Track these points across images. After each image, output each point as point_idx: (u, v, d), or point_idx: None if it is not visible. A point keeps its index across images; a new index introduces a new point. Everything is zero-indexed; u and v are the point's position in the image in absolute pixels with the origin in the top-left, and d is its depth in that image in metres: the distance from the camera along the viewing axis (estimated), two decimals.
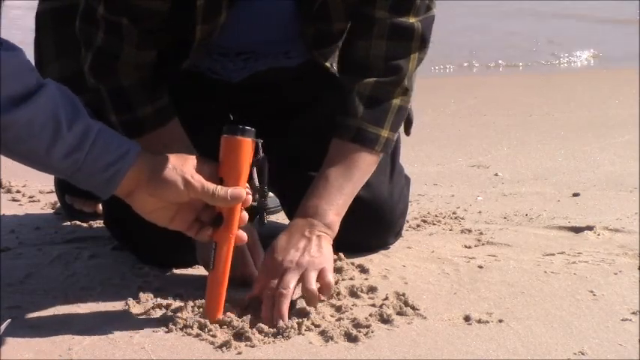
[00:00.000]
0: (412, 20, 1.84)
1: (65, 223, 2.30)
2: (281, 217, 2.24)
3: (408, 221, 2.13)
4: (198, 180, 1.54)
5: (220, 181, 1.57)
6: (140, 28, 1.77)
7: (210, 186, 1.54)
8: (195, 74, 1.97)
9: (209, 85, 2.00)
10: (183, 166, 1.55)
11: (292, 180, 1.93)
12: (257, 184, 1.60)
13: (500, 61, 5.40)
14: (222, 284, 1.59)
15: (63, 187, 2.32)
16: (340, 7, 1.88)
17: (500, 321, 1.63)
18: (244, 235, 1.62)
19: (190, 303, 1.67)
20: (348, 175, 1.79)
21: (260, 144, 1.60)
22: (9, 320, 1.58)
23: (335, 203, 1.76)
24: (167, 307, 1.67)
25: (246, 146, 1.58)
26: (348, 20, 1.92)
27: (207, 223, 1.59)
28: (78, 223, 2.28)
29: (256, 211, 1.68)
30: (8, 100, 1.42)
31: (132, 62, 1.79)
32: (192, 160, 1.57)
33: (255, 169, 1.60)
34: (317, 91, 2.04)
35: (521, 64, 5.46)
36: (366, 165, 1.81)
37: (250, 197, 1.60)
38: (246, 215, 1.62)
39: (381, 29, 1.84)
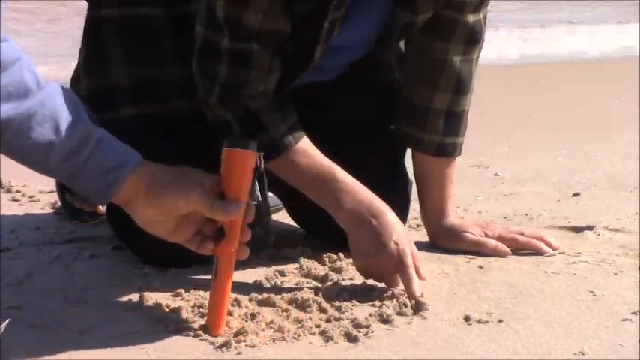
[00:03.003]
0: (480, 16, 1.98)
1: (65, 223, 2.30)
2: (281, 216, 2.24)
3: (408, 221, 2.13)
4: (197, 192, 1.51)
5: (221, 195, 1.53)
6: (269, 51, 1.75)
7: (209, 199, 1.51)
8: None
9: None
10: (183, 178, 1.52)
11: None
12: (259, 197, 1.55)
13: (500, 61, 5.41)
14: (223, 298, 1.56)
15: (63, 186, 2.32)
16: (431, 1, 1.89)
17: (500, 321, 1.63)
18: (246, 250, 1.57)
19: (191, 303, 1.68)
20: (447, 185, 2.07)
21: (261, 157, 1.55)
22: (9, 320, 1.58)
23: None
24: (167, 307, 1.67)
25: (248, 159, 1.53)
26: (431, 11, 1.90)
27: (210, 237, 1.56)
28: (78, 222, 2.28)
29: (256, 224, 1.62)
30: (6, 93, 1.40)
31: (259, 89, 1.77)
32: (193, 173, 1.54)
33: (256, 182, 1.55)
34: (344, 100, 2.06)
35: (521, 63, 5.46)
36: (453, 170, 2.06)
37: (253, 212, 1.56)
38: (249, 231, 1.57)
39: (462, 32, 1.95)
